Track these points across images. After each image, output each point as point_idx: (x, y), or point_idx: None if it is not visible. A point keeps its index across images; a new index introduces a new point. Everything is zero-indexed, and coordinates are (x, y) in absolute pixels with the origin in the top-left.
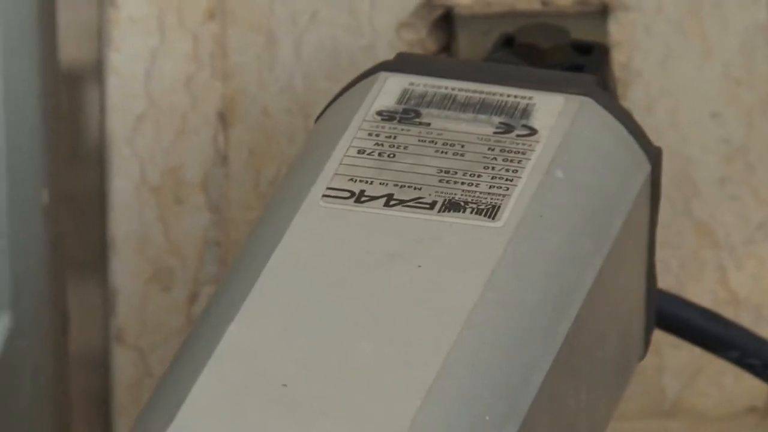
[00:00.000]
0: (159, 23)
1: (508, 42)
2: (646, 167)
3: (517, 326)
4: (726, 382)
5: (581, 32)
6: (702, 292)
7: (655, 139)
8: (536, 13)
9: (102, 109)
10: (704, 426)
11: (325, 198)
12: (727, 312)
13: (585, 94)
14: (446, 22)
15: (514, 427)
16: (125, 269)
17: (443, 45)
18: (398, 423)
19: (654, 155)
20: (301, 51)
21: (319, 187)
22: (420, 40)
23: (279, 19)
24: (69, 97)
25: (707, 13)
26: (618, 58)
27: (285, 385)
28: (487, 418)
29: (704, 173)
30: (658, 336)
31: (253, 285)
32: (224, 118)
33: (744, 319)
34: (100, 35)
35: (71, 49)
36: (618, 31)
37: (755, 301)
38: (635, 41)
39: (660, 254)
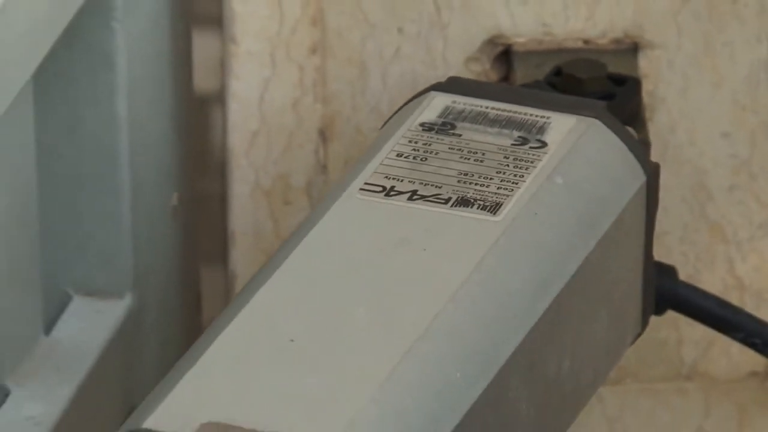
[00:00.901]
0: (271, 57)
1: (557, 73)
2: (642, 178)
3: (496, 303)
4: (733, 352)
5: (616, 66)
6: (714, 280)
7: (675, 155)
8: (579, 50)
9: (224, 128)
10: (715, 387)
11: (362, 191)
12: (734, 296)
13: (594, 117)
14: (506, 57)
15: (482, 385)
16: (243, 258)
17: (503, 76)
18: (377, 375)
19: (650, 169)
20: (387, 80)
21: (359, 182)
22: (484, 71)
23: (369, 54)
24: (198, 118)
25: (719, 50)
26: (646, 87)
27: (292, 340)
28: (458, 375)
29: (716, 182)
30: (679, 316)
31: (285, 259)
32: (324, 135)
33: (748, 301)
34: (223, 66)
35: (201, 78)
36: (646, 65)
37: (757, 287)
38: (660, 73)
39: (680, 248)
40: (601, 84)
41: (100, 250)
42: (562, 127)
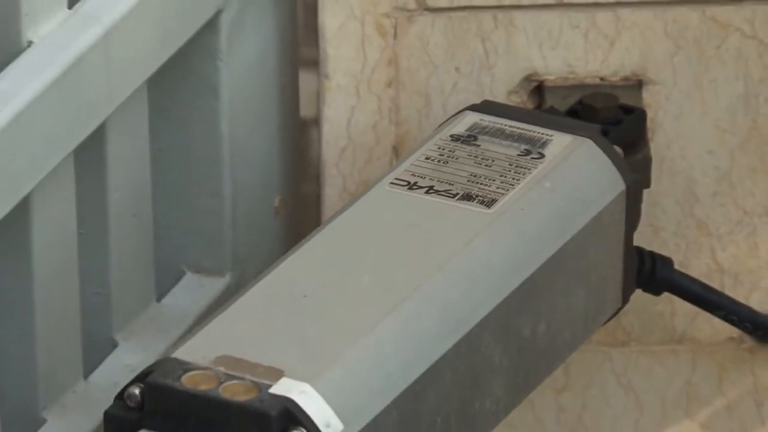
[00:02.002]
0: (356, 90)
1: (579, 103)
2: (622, 186)
3: (477, 276)
4: (715, 322)
5: (625, 98)
6: (700, 265)
7: (670, 167)
8: (596, 86)
9: (319, 144)
10: (700, 349)
11: (391, 184)
12: (715, 277)
13: (588, 137)
14: (539, 91)
15: (454, 339)
16: None
17: (537, 105)
18: (365, 326)
19: (631, 180)
20: (446, 108)
21: (390, 177)
22: (522, 101)
23: (432, 88)
24: (301, 136)
25: (705, 86)
26: (648, 114)
27: (305, 296)
28: (434, 329)
29: (702, 189)
30: (672, 296)
31: (317, 235)
32: (396, 150)
33: (726, 282)
34: (319, 97)
35: (304, 106)
36: (648, 97)
37: (734, 270)
38: (659, 104)
39: (673, 240)
40: (613, 112)
41: (207, 239)
42: (560, 143)
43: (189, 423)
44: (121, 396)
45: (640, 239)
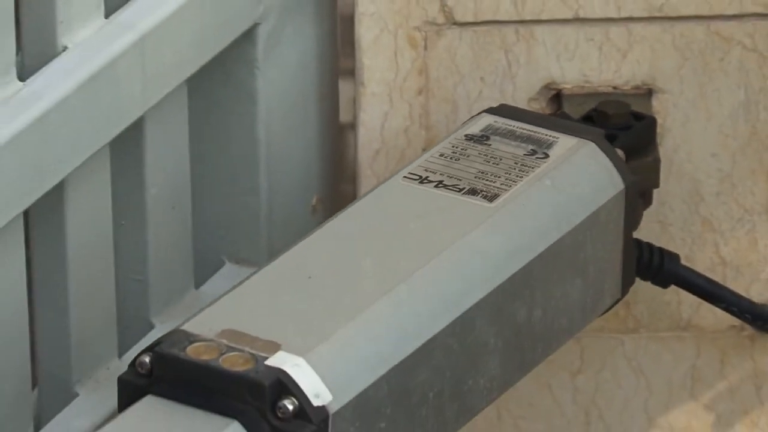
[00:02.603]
0: (389, 97)
1: (594, 110)
2: (621, 186)
3: (472, 264)
4: (718, 311)
5: (636, 106)
6: (704, 258)
7: (678, 169)
8: (610, 94)
9: (356, 147)
10: (704, 336)
11: (404, 178)
12: (718, 270)
13: (591, 140)
14: (557, 98)
15: (447, 321)
16: None
17: (554, 112)
18: (362, 306)
19: (630, 181)
20: (472, 113)
21: (405, 171)
22: (541, 108)
23: (459, 95)
24: (338, 140)
25: (709, 95)
26: (658, 120)
27: (310, 277)
28: (426, 311)
29: (707, 189)
30: (678, 289)
31: (327, 224)
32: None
33: (728, 274)
34: (355, 103)
35: (341, 112)
36: (657, 104)
37: (736, 263)
38: (667, 110)
39: (680, 235)
40: (624, 118)
41: (245, 232)
42: (565, 145)
43: (192, 390)
44: (133, 364)
45: (649, 234)
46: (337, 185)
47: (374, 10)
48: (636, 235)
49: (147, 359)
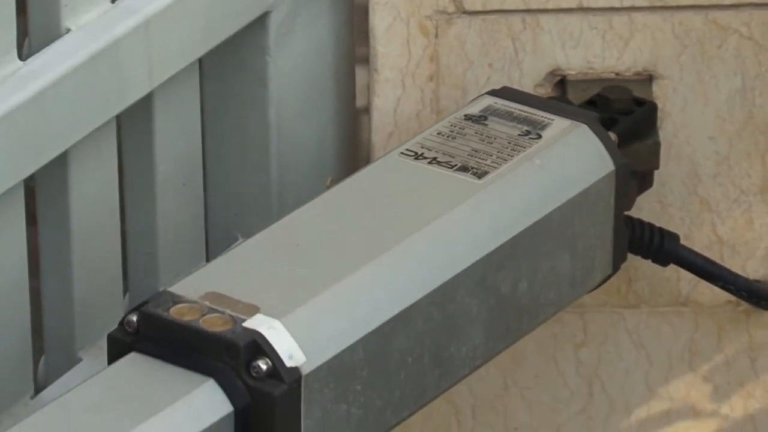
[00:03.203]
0: (402, 82)
1: (598, 95)
2: (611, 167)
3: (455, 236)
4: (714, 287)
5: (637, 91)
6: (702, 237)
7: (677, 152)
8: (612, 80)
9: (369, 130)
10: (702, 311)
11: (401, 154)
12: (715, 248)
13: (584, 122)
14: (562, 84)
15: (427, 290)
16: None
17: (568, 100)
18: (344, 273)
19: (620, 163)
20: None
21: (402, 148)
22: (547, 93)
23: (468, 81)
24: (354, 123)
25: (707, 81)
26: (658, 105)
27: (297, 245)
28: (407, 280)
29: (705, 171)
30: (677, 267)
31: (322, 195)
32: None
33: (724, 252)
34: (369, 89)
35: (357, 97)
36: (657, 90)
37: (732, 242)
38: (667, 96)
39: (679, 215)
40: (625, 103)
41: (257, 209)
42: (558, 127)
43: (173, 348)
44: (122, 322)
45: (650, 214)
46: (352, 167)
47: None
48: (637, 214)
49: (134, 318)
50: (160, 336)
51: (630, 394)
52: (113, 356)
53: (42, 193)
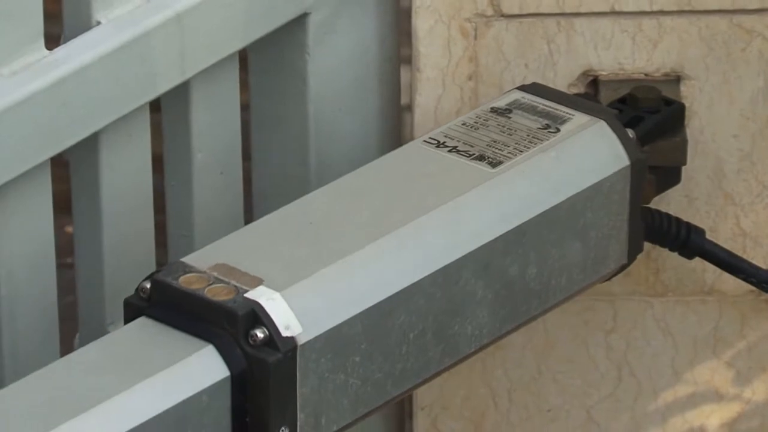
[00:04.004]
0: (442, 81)
1: (629, 94)
2: (626, 162)
3: (462, 219)
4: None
5: (666, 91)
6: (725, 229)
7: (703, 148)
8: (642, 80)
9: (412, 126)
10: (725, 299)
11: (423, 142)
12: (738, 241)
13: (602, 119)
14: (594, 84)
15: (429, 270)
16: None
17: (596, 98)
18: (348, 251)
19: (635, 158)
20: None
21: (426, 136)
22: (579, 92)
23: (506, 81)
24: (397, 121)
25: (732, 81)
26: (685, 104)
27: (311, 223)
28: (410, 260)
29: (729, 167)
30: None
31: (343, 177)
32: None
33: (747, 244)
34: (411, 87)
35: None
36: (685, 90)
37: (754, 234)
38: (694, 95)
39: (704, 209)
40: (652, 102)
41: (294, 194)
42: (577, 122)
43: (179, 314)
44: (138, 288)
45: (677, 207)
46: None
47: (429, 3)
48: (665, 208)
49: (147, 285)
50: (168, 302)
51: (657, 378)
52: (128, 320)
53: (75, 176)
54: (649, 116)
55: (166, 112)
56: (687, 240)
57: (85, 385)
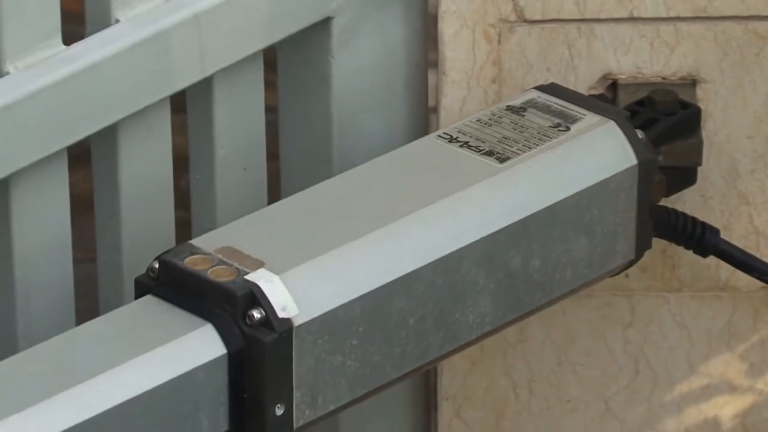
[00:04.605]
0: (467, 84)
1: (647, 97)
2: (633, 161)
3: (466, 211)
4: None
5: (683, 94)
6: (740, 228)
7: (717, 149)
8: (659, 84)
9: (437, 127)
10: (739, 295)
11: (437, 137)
12: (752, 238)
13: (612, 119)
14: (613, 87)
15: (430, 258)
16: None
17: (611, 99)
18: (350, 238)
19: (643, 158)
20: None
21: (441, 131)
22: (594, 94)
23: (528, 84)
24: (424, 122)
25: (746, 85)
26: (701, 107)
27: (318, 210)
28: (411, 248)
29: (743, 167)
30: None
31: (356, 168)
32: None
33: (761, 242)
34: (438, 89)
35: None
36: (701, 93)
37: (767, 232)
38: (709, 98)
39: (719, 208)
40: (669, 105)
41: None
42: (588, 122)
43: (182, 293)
44: (148, 268)
45: (692, 207)
46: None
47: (455, 9)
48: (681, 207)
49: (156, 264)
50: (173, 282)
51: (673, 371)
52: (138, 298)
53: (96, 167)
54: (664, 118)
55: (191, 108)
56: (702, 239)
57: (87, 356)
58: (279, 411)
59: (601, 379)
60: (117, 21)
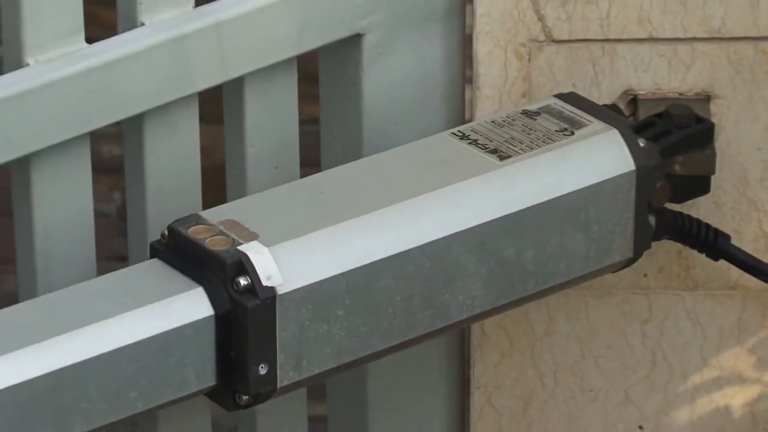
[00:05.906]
0: (499, 99)
1: (664, 111)
2: (631, 167)
3: (459, 200)
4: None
5: (698, 108)
6: (749, 233)
7: (729, 160)
8: (676, 99)
9: None
10: (749, 293)
11: (450, 134)
12: (761, 242)
13: (615, 127)
14: (634, 102)
15: (420, 242)
16: None
17: (631, 113)
18: (345, 218)
19: (642, 164)
20: None
21: (456, 129)
22: (607, 104)
23: None
24: None
25: (757, 100)
26: (714, 121)
27: (321, 193)
28: (401, 231)
29: (753, 176)
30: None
31: (368, 157)
32: None
33: None
34: (471, 103)
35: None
36: (715, 108)
37: None
38: (722, 113)
39: (730, 214)
40: (684, 119)
41: None
42: (593, 128)
43: (182, 259)
44: (161, 234)
45: (706, 212)
46: None
47: (489, 29)
48: (695, 213)
49: (166, 231)
50: (176, 247)
51: (687, 363)
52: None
53: (127, 159)
54: (676, 131)
55: (226, 107)
56: (714, 244)
57: (84, 307)
58: (263, 371)
59: (620, 370)
60: (142, 24)
